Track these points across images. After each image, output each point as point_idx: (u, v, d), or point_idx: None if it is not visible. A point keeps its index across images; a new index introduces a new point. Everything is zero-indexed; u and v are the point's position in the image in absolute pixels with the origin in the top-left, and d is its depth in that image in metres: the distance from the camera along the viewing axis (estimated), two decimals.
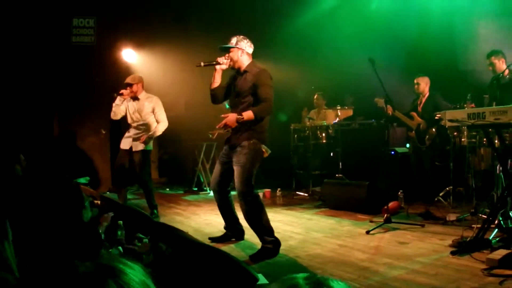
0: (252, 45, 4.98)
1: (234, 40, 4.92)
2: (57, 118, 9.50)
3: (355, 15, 8.91)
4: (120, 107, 6.68)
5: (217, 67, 4.98)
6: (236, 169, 4.78)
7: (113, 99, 6.68)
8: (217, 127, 4.76)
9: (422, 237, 5.19)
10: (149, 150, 6.81)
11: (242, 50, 4.89)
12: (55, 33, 8.89)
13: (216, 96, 5.11)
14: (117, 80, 6.84)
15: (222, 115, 4.74)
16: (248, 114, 4.68)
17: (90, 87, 9.32)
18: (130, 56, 9.82)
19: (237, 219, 5.32)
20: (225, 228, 5.38)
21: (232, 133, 4.98)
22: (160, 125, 6.80)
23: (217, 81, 5.04)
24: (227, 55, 4.93)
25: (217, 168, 5.14)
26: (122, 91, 6.60)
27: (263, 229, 4.75)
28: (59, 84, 9.25)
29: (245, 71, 4.90)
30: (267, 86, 4.77)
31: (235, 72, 5.05)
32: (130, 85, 6.64)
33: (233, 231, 5.34)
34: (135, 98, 6.74)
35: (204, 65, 4.95)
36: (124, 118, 6.90)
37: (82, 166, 9.01)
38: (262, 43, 8.40)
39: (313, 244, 5.15)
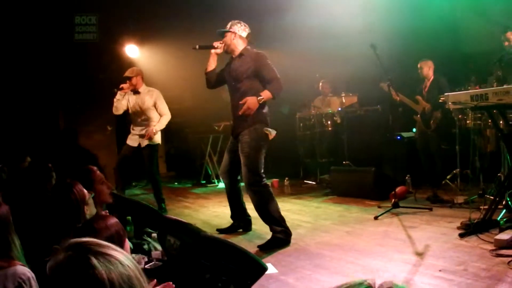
0: (246, 29, 5.00)
1: (229, 24, 4.98)
2: (62, 116, 9.55)
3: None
4: (122, 102, 6.70)
5: (212, 51, 5.06)
6: (241, 159, 4.81)
7: (114, 95, 6.71)
8: (240, 113, 4.73)
9: (430, 221, 5.21)
10: (156, 144, 6.85)
11: (235, 33, 4.94)
12: (57, 31, 8.90)
13: (209, 80, 5.20)
14: (121, 76, 6.86)
15: (241, 102, 4.74)
16: (266, 94, 4.74)
17: (94, 84, 9.34)
18: (133, 51, 9.83)
19: (244, 209, 5.35)
20: (231, 217, 5.41)
21: (234, 122, 5.02)
22: (163, 118, 6.81)
23: (211, 65, 5.12)
24: (223, 40, 4.98)
25: (226, 157, 5.20)
26: (122, 85, 6.63)
27: (272, 219, 4.75)
28: (63, 82, 9.28)
29: (241, 54, 4.94)
30: (269, 65, 4.83)
31: (229, 58, 5.09)
32: (129, 78, 6.66)
33: (239, 221, 5.37)
34: (135, 91, 6.75)
35: (200, 48, 5.02)
36: (129, 114, 6.92)
37: (89, 162, 9.04)
38: (264, 33, 8.39)
39: (322, 231, 5.18)
